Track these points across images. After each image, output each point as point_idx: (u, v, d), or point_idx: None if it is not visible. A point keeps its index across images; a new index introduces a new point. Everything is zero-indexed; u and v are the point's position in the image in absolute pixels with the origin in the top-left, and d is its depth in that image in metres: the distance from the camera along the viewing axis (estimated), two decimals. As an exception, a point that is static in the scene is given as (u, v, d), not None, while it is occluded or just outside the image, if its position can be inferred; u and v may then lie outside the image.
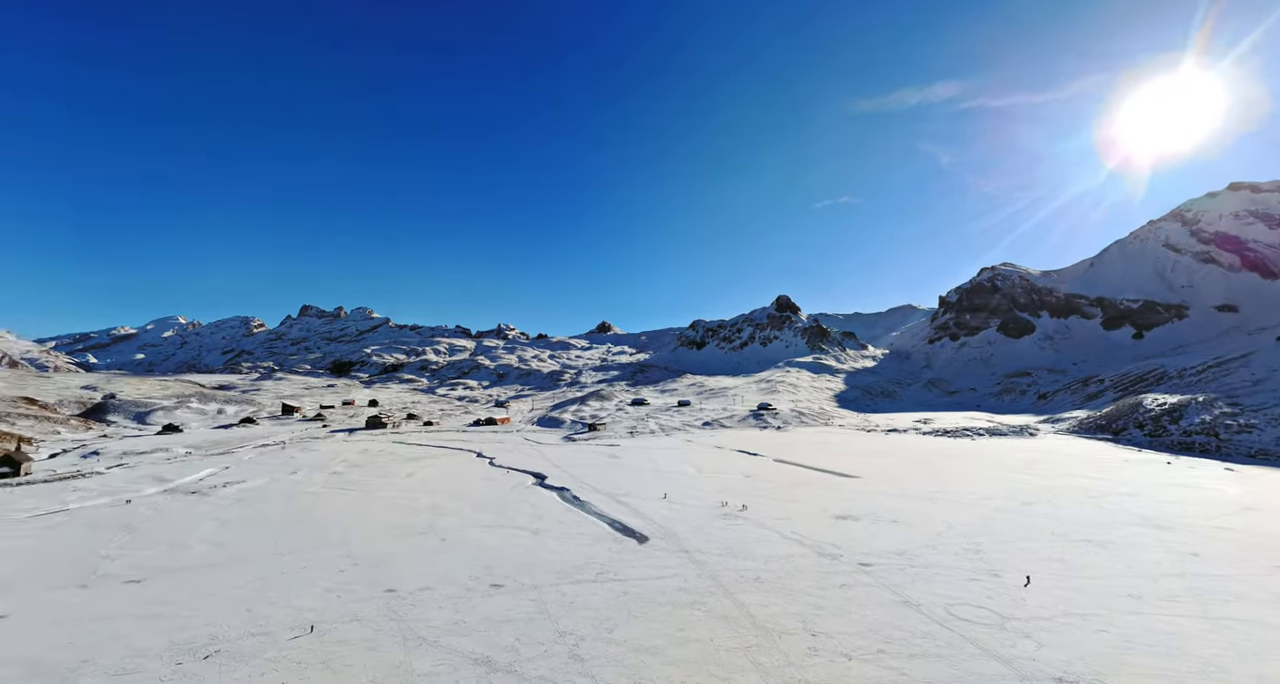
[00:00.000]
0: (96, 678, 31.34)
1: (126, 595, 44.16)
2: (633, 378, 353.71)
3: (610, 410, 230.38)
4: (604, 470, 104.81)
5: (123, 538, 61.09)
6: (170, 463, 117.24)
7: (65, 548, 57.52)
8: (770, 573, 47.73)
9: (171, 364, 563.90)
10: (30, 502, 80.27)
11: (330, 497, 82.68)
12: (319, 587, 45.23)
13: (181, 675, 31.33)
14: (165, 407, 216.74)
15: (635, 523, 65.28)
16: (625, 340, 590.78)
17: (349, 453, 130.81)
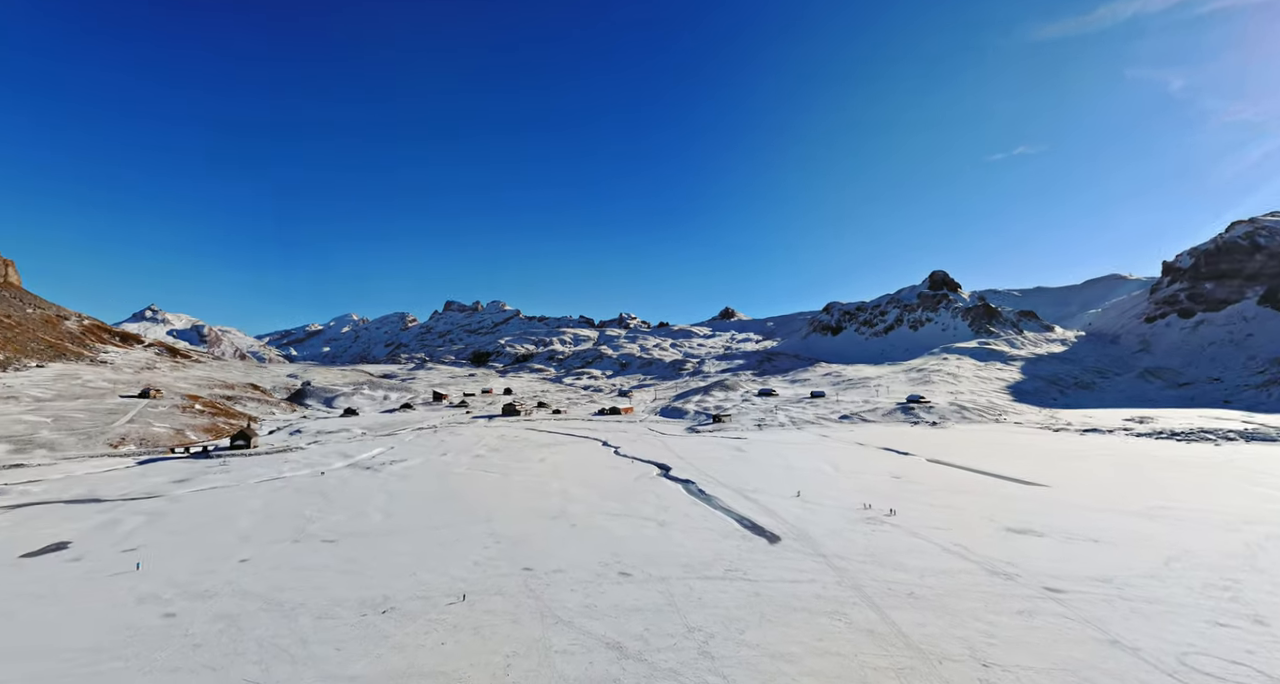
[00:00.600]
0: (308, 618, 39.28)
1: (325, 552, 54.60)
2: (759, 367, 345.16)
3: (735, 401, 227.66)
4: (730, 464, 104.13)
5: (320, 503, 75.60)
6: (350, 441, 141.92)
7: (283, 509, 72.85)
8: (926, 589, 43.64)
9: (348, 356, 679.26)
10: (260, 469, 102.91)
11: (475, 478, 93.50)
12: (469, 560, 51.55)
13: (367, 626, 37.92)
14: (345, 392, 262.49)
15: (765, 521, 63.98)
16: (750, 327, 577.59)
17: (489, 438, 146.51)
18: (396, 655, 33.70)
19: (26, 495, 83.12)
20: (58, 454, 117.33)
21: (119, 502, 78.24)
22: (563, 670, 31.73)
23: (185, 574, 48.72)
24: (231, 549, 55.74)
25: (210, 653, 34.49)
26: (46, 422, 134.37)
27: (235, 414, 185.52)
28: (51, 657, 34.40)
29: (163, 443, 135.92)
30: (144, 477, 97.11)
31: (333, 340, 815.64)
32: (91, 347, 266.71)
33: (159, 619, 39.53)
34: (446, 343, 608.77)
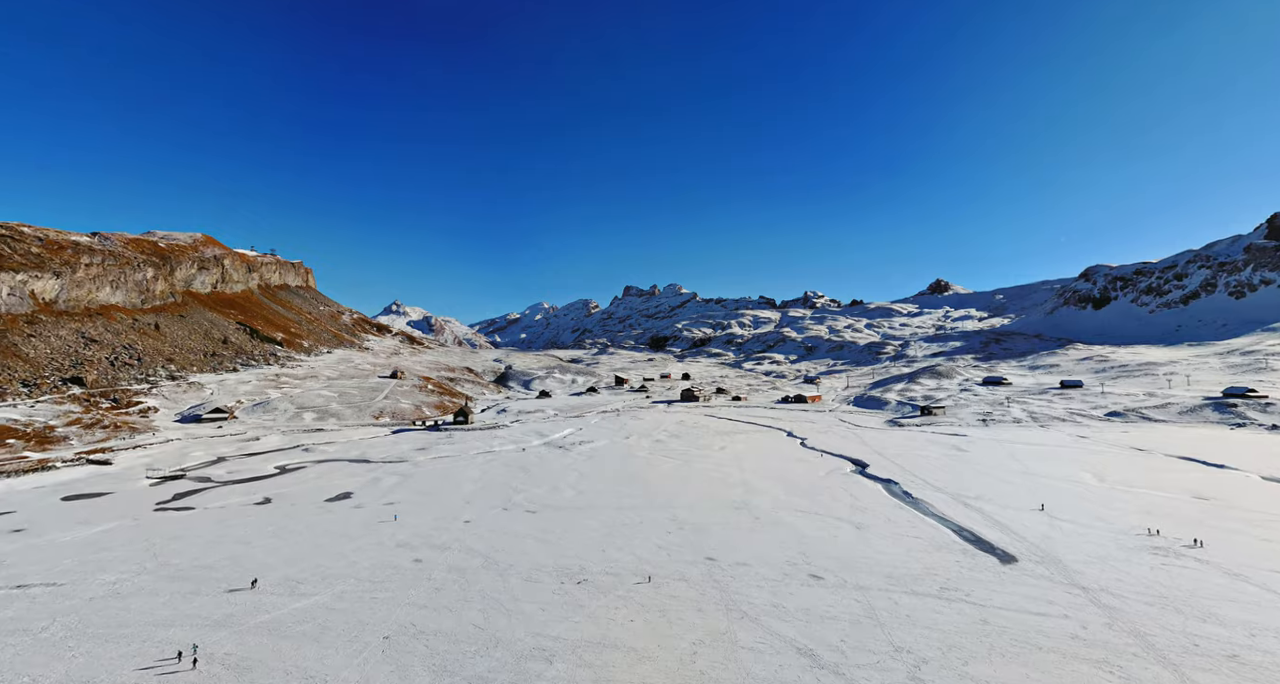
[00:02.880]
0: (517, 579, 46.22)
1: (528, 522, 63.43)
2: (984, 350, 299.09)
3: (951, 391, 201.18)
4: (944, 465, 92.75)
5: (523, 477, 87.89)
6: (545, 421, 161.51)
7: (494, 479, 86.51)
8: (1259, 652, 33.61)
9: (540, 341, 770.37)
10: (476, 443, 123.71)
11: (655, 462, 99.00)
12: (652, 542, 55.03)
13: (565, 593, 43.14)
14: (539, 376, 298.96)
15: (994, 536, 55.72)
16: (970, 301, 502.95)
17: (668, 423, 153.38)
18: (591, 625, 37.70)
19: (325, 454, 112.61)
20: (341, 422, 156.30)
21: (380, 463, 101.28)
22: (750, 668, 32.07)
23: (427, 528, 61.12)
24: (458, 511, 68.17)
25: (447, 597, 42.79)
26: (335, 396, 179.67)
27: (456, 393, 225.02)
28: (350, 579, 46.35)
29: (407, 417, 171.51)
30: (396, 444, 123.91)
31: (528, 327, 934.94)
32: (359, 336, 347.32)
33: (411, 563, 50.31)
34: (626, 328, 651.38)
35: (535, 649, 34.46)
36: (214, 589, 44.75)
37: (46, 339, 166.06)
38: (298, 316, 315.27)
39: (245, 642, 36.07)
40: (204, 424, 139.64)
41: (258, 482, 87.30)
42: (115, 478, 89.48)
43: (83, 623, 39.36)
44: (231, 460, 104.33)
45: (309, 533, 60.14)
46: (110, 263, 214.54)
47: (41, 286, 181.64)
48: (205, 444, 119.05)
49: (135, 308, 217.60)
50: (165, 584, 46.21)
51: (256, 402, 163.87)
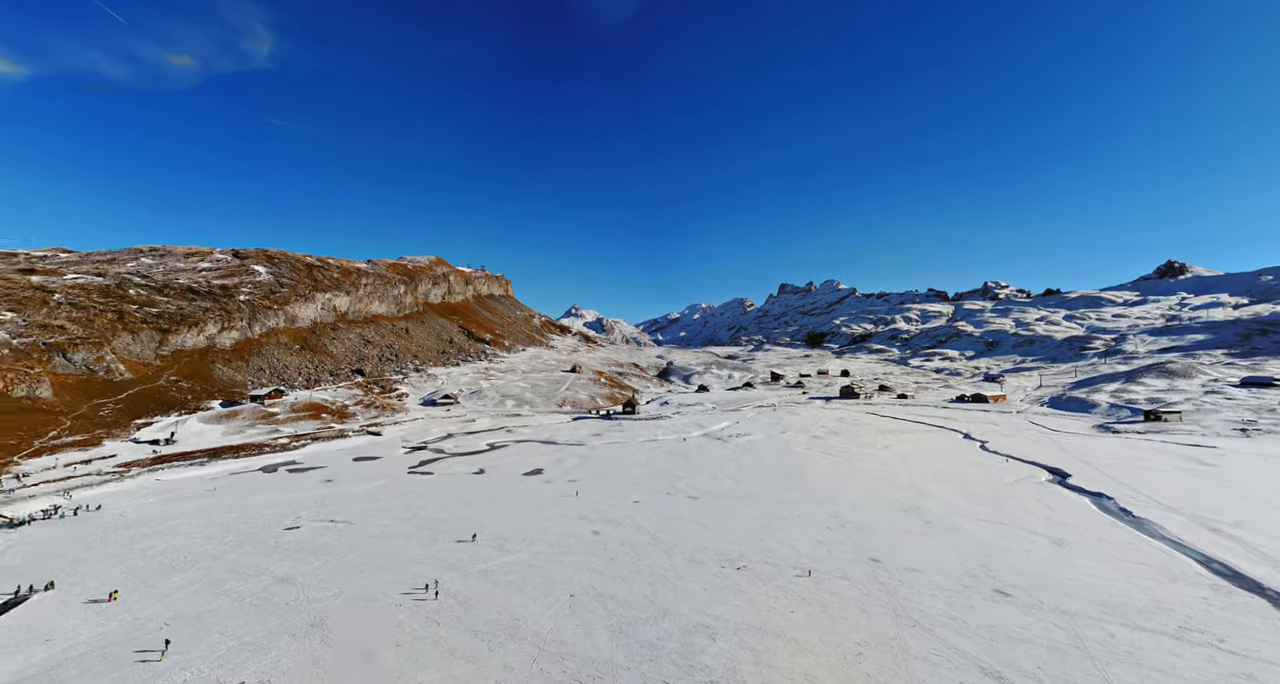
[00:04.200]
0: (681, 558, 47.47)
1: (690, 507, 64.67)
2: (1242, 343, 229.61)
3: (1190, 393, 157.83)
4: (1180, 480, 73.15)
5: (684, 465, 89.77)
6: (704, 414, 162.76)
7: (658, 466, 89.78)
8: None
9: (699, 339, 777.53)
10: (642, 431, 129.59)
11: (814, 457, 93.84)
12: (811, 537, 52.36)
13: (725, 577, 43.19)
14: (698, 371, 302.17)
15: (1262, 573, 42.59)
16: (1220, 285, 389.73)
17: (826, 419, 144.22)
18: (751, 610, 37.20)
19: (522, 435, 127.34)
20: (534, 409, 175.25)
21: (564, 445, 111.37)
22: (924, 679, 28.88)
23: (602, 505, 65.74)
24: (628, 492, 72.09)
25: (621, 567, 45.59)
26: (528, 387, 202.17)
27: (624, 386, 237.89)
28: (543, 542, 51.98)
29: (584, 406, 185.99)
30: (576, 430, 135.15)
31: (686, 326, 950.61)
32: (546, 336, 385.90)
33: (590, 534, 54.57)
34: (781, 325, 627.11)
35: (699, 625, 35.07)
36: (447, 539, 53.37)
37: (342, 341, 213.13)
38: (500, 320, 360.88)
39: (469, 583, 42.45)
40: (438, 407, 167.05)
41: (475, 455, 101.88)
42: (383, 445, 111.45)
43: (366, 553, 49.88)
44: (457, 437, 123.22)
45: (512, 500, 68.55)
46: (378, 283, 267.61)
47: (339, 302, 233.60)
48: (439, 423, 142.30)
49: (393, 316, 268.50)
50: (415, 531, 56.37)
51: (473, 390, 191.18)
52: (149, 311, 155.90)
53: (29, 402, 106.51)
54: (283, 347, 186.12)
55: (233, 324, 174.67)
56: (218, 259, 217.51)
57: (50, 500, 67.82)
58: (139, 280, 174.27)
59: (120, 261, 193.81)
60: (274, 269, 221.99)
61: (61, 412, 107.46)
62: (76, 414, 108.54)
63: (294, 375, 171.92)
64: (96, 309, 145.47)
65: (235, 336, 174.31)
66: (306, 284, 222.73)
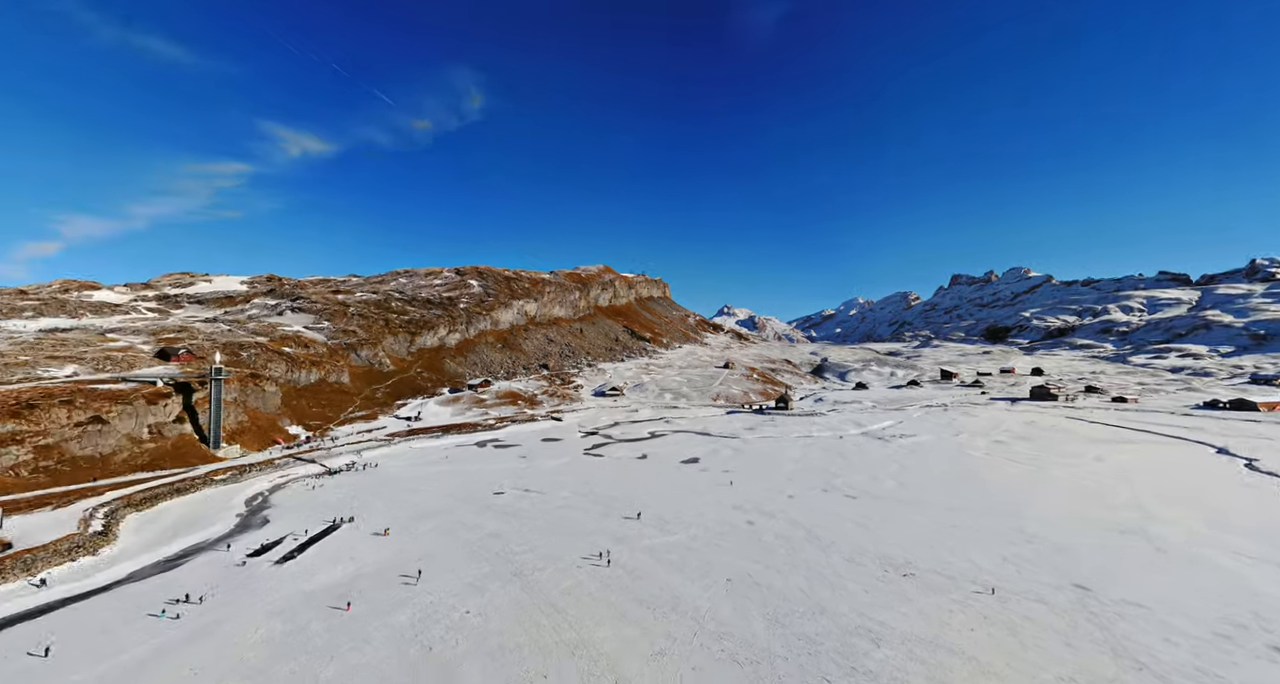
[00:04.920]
0: (839, 557, 44.23)
1: (848, 506, 59.84)
2: None
3: None
4: None
5: (840, 463, 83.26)
6: (862, 412, 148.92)
7: (813, 462, 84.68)
8: None
9: (855, 335, 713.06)
10: (796, 427, 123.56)
11: (995, 464, 79.74)
12: (993, 552, 44.63)
13: (889, 582, 39.12)
14: (855, 368, 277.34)
15: None
16: None
17: (1012, 423, 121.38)
18: (921, 621, 33.12)
19: (679, 426, 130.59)
20: (689, 402, 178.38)
21: (718, 437, 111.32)
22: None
23: (756, 496, 64.26)
24: (782, 486, 69.34)
25: (776, 559, 44.13)
26: (684, 381, 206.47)
27: (776, 382, 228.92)
28: (699, 527, 52.80)
29: (736, 400, 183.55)
30: (729, 423, 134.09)
31: (842, 322, 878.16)
32: (699, 334, 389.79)
33: (745, 524, 53.78)
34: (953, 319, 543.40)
35: (860, 627, 32.34)
36: (616, 515, 57.16)
37: (530, 340, 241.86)
38: (659, 320, 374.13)
39: (635, 557, 44.95)
40: (606, 398, 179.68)
41: (638, 442, 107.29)
42: (564, 429, 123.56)
43: (553, 520, 55.89)
44: (623, 425, 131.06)
45: (671, 486, 70.68)
46: (558, 290, 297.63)
47: (529, 308, 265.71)
48: (607, 412, 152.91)
49: (570, 318, 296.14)
50: (590, 505, 61.46)
51: (635, 384, 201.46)
52: (404, 319, 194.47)
53: (337, 385, 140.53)
54: (489, 345, 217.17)
55: (455, 327, 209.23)
56: (446, 276, 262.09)
57: (349, 458, 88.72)
58: (397, 295, 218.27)
59: (385, 282, 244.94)
60: (483, 282, 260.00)
61: (354, 393, 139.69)
62: (363, 395, 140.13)
63: (497, 368, 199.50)
64: (373, 318, 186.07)
65: (457, 337, 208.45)
66: (506, 294, 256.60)
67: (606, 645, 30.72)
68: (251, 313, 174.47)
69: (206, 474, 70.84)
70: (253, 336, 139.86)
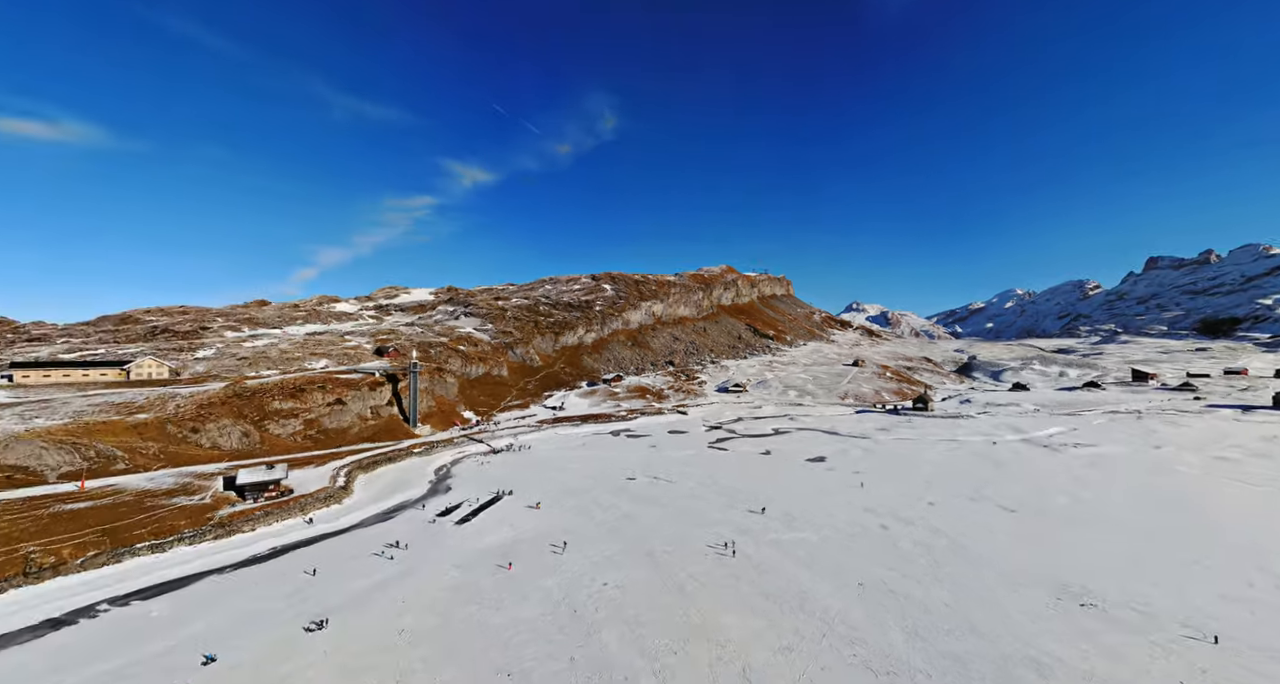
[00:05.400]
0: (993, 575, 38.06)
1: (1004, 519, 51.13)
2: None
3: None
4: None
5: (992, 471, 71.43)
6: (1022, 416, 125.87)
7: (957, 468, 73.96)
8: None
9: (1012, 331, 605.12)
10: (936, 429, 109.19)
11: (1217, 486, 61.66)
12: (1213, 590, 34.62)
13: (1064, 611, 32.63)
14: (1012, 367, 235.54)
15: None
16: None
17: (1243, 436, 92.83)
18: (1106, 661, 27.07)
19: (803, 423, 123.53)
20: (815, 400, 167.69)
21: (847, 437, 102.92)
22: None
23: (890, 500, 58.09)
24: (919, 491, 61.73)
25: (915, 568, 39.50)
26: (809, 379, 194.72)
27: (913, 381, 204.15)
28: (829, 527, 49.47)
29: (867, 399, 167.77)
30: (859, 422, 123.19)
31: (995, 316, 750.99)
32: (825, 331, 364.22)
33: (878, 528, 49.03)
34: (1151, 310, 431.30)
35: (1026, 658, 27.52)
36: (741, 508, 56.05)
37: (657, 338, 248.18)
38: (782, 318, 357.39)
39: (760, 550, 43.64)
40: (729, 394, 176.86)
41: (762, 438, 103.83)
42: (689, 423, 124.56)
43: (681, 507, 56.72)
44: (746, 421, 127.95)
45: (796, 483, 67.19)
46: (683, 291, 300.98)
47: (655, 309, 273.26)
48: (731, 408, 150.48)
49: (694, 318, 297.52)
50: (714, 496, 61.14)
51: (759, 380, 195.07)
52: (549, 320, 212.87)
53: (498, 378, 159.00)
54: (620, 343, 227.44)
55: (592, 327, 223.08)
56: (583, 282, 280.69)
57: (508, 440, 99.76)
58: (544, 300, 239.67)
59: (535, 288, 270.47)
60: (615, 286, 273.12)
61: (511, 385, 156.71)
62: (518, 387, 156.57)
63: (628, 365, 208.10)
64: (525, 320, 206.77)
65: (593, 336, 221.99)
66: (635, 296, 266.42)
67: (733, 632, 30.37)
68: (436, 318, 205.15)
69: (408, 447, 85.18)
70: (438, 337, 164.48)
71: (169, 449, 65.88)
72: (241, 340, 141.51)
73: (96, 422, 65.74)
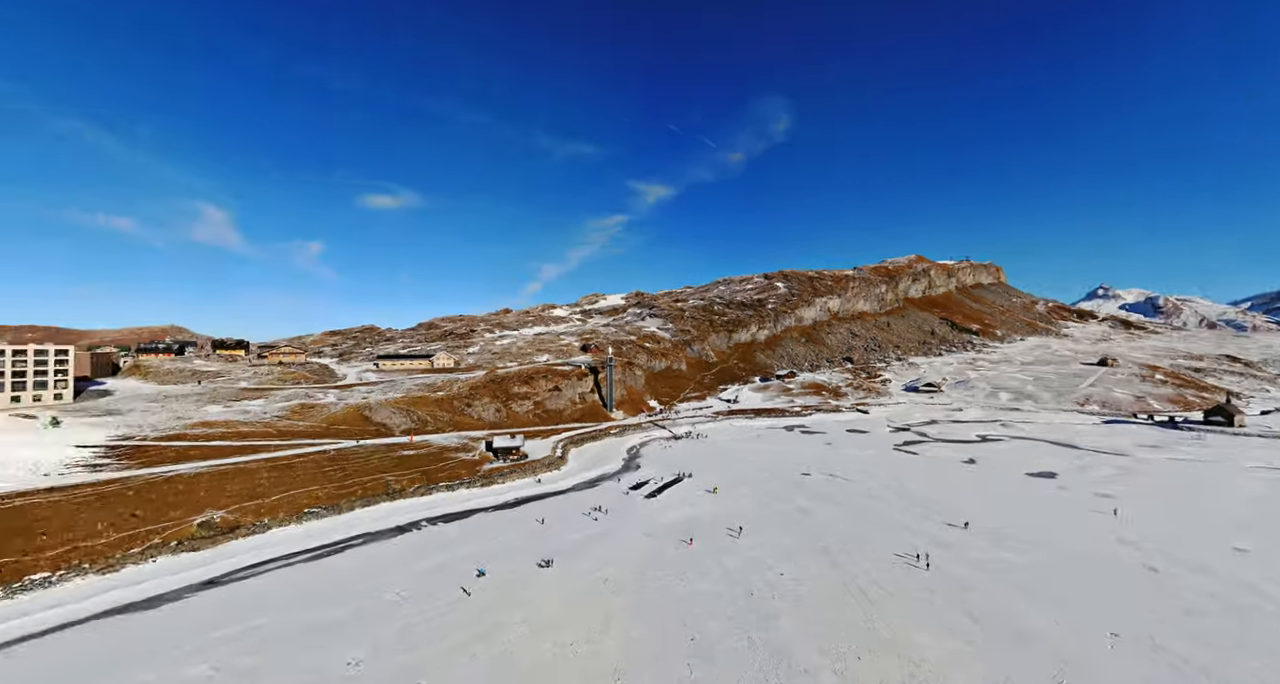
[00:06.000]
0: None
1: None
2: None
3: None
4: None
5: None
6: None
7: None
8: None
9: None
10: (1250, 453, 75.45)
11: None
12: None
13: None
14: None
15: None
16: None
17: None
18: None
19: (1022, 432, 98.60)
20: (1038, 405, 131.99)
21: (1090, 451, 78.59)
22: None
23: (1165, 537, 42.49)
24: (1222, 533, 43.64)
25: (1206, 627, 28.42)
26: (1030, 380, 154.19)
27: (1202, 386, 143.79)
28: (1062, 555, 39.07)
29: (1122, 407, 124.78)
30: (1109, 435, 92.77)
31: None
32: (1054, 323, 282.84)
33: (1141, 569, 36.60)
34: None
35: None
36: (935, 519, 48.05)
37: (833, 335, 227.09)
38: (989, 309, 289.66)
39: (961, 568, 36.83)
40: (920, 394, 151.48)
41: (963, 444, 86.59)
42: (870, 422, 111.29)
43: (858, 507, 51.48)
44: (941, 424, 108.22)
45: (1010, 499, 54.40)
46: (862, 285, 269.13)
47: (831, 304, 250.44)
48: (921, 409, 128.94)
49: (875, 312, 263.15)
50: (898, 500, 53.62)
51: (958, 380, 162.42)
52: (724, 319, 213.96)
53: (677, 372, 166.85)
54: (793, 340, 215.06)
55: (764, 325, 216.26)
56: (756, 281, 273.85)
57: (687, 428, 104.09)
58: (718, 300, 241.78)
59: (709, 290, 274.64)
60: (788, 284, 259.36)
61: (689, 378, 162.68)
62: (695, 380, 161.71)
63: (801, 361, 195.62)
64: (700, 319, 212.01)
65: (766, 333, 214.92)
66: (809, 292, 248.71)
67: (928, 652, 26.58)
68: (626, 319, 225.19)
69: (606, 428, 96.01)
70: (628, 336, 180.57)
71: (453, 418, 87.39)
72: (494, 340, 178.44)
73: (416, 397, 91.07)
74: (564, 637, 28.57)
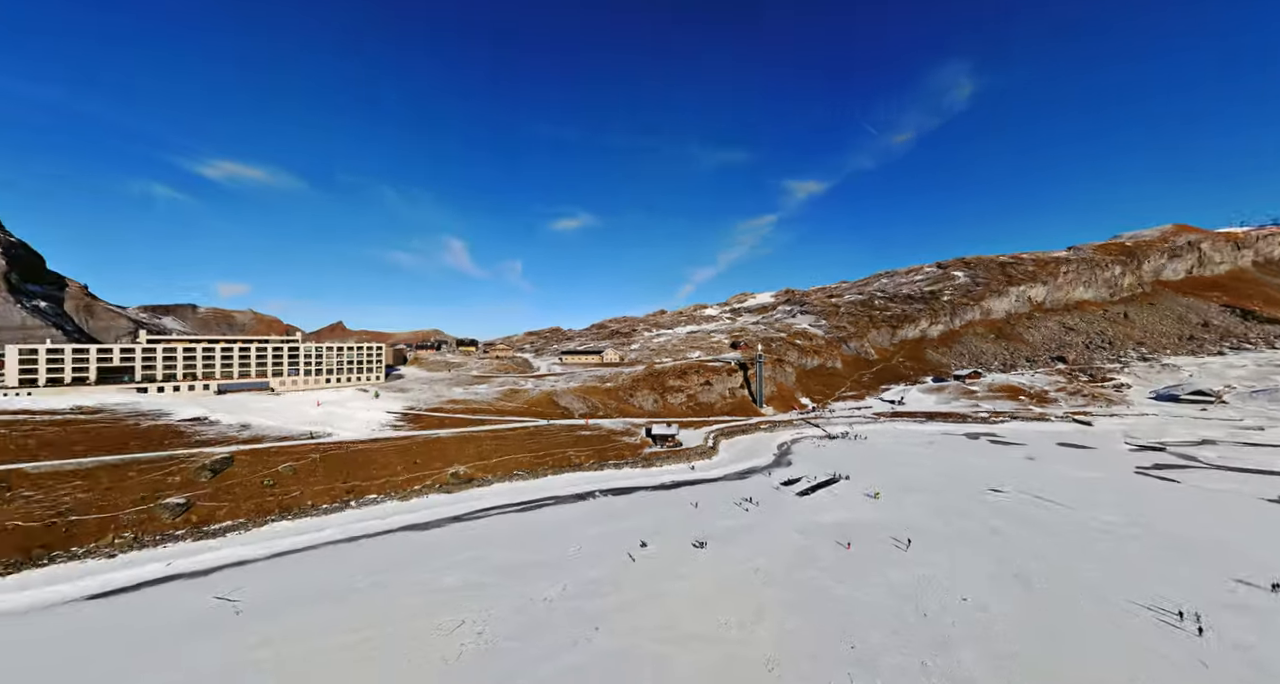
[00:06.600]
0: None
1: None
2: None
3: None
4: None
5: None
6: None
7: None
8: None
9: None
10: None
11: None
12: None
13: None
14: None
15: None
16: None
17: None
18: None
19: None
20: None
21: None
22: None
23: None
24: None
25: None
26: None
27: None
28: None
29: None
30: None
31: None
32: None
33: None
34: None
35: None
36: (1216, 572, 34.12)
37: (1038, 329, 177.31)
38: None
39: (1255, 637, 25.41)
40: (1182, 404, 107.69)
41: (1261, 475, 58.98)
42: (1095, 436, 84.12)
43: (1077, 541, 39.51)
44: (1222, 446, 75.53)
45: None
46: (1082, 268, 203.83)
47: (1034, 293, 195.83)
48: (1185, 423, 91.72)
49: (1104, 301, 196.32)
50: (1149, 540, 39.37)
51: (1255, 388, 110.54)
52: (886, 314, 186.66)
53: (832, 369, 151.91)
54: (978, 335, 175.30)
55: (938, 319, 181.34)
56: (927, 272, 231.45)
57: (843, 428, 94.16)
58: (879, 294, 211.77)
59: (869, 284, 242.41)
60: (970, 272, 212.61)
61: (845, 376, 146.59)
62: (851, 379, 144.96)
63: (989, 360, 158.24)
64: (858, 315, 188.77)
65: (940, 328, 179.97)
66: (999, 280, 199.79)
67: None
68: (776, 316, 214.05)
69: (755, 423, 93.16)
70: (777, 333, 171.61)
71: (619, 405, 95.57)
72: (652, 338, 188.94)
73: (590, 386, 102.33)
74: (719, 616, 29.12)
